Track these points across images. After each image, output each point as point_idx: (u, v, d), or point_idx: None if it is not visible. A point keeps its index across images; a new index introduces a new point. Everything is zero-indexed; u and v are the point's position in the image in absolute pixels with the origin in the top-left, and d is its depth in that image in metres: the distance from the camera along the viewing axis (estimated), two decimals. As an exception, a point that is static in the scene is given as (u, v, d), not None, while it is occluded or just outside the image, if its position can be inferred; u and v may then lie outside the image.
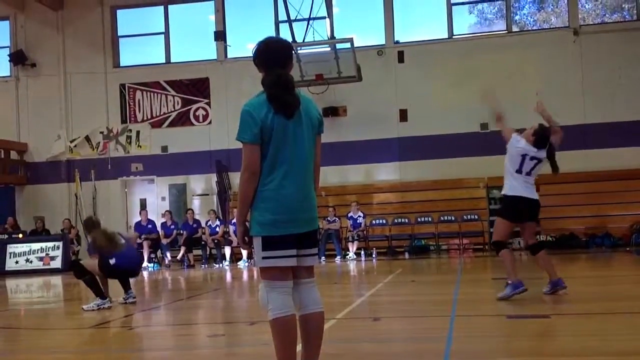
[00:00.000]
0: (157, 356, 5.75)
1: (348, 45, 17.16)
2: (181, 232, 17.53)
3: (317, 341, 3.87)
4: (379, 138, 18.73)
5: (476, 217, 17.43)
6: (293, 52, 4.05)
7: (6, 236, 17.96)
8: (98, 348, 6.38)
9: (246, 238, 3.85)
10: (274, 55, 3.87)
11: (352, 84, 17.75)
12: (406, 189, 18.60)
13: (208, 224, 17.46)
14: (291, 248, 3.76)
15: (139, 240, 17.04)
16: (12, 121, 20.28)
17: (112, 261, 8.58)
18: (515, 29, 19.19)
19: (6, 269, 17.03)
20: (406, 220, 17.90)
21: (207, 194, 19.57)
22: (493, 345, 5.36)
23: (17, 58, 20.18)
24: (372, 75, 18.18)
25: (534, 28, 19.48)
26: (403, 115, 18.79)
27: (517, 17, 19.55)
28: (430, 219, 17.71)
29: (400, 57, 18.94)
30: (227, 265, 16.42)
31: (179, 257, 17.18)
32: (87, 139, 20.20)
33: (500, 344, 5.45)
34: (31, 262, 17.23)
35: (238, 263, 16.42)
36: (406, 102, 18.73)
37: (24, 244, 17.50)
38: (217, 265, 16.51)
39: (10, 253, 17.35)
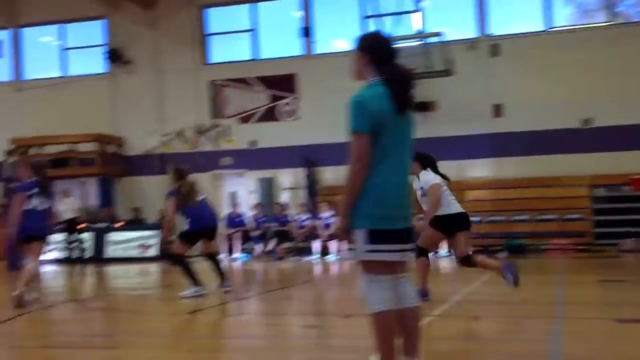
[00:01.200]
0: (251, 344, 5.72)
1: (438, 39, 16.76)
2: (271, 224, 17.70)
3: (416, 335, 3.85)
4: (471, 134, 18.24)
5: (578, 216, 16.75)
6: None
7: (105, 225, 18.63)
8: (192, 334, 6.42)
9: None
10: (387, 49, 3.87)
11: (442, 79, 17.39)
12: (501, 186, 18.04)
13: (297, 218, 17.54)
14: (395, 242, 3.73)
15: (227, 232, 17.37)
16: (109, 116, 20.93)
17: (186, 227, 8.76)
18: (618, 20, 18.29)
19: (106, 256, 17.65)
20: (501, 218, 17.39)
21: (296, 188, 19.63)
22: (603, 350, 5.05)
23: (113, 55, 20.84)
24: (463, 69, 17.73)
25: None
26: (497, 110, 18.25)
27: (620, 9, 18.61)
28: (527, 218, 17.12)
29: (494, 51, 18.40)
30: (316, 258, 16.42)
31: (268, 249, 17.34)
32: (179, 133, 20.64)
33: (610, 348, 5.12)
34: (129, 250, 17.84)
35: (327, 257, 16.39)
36: (501, 97, 18.16)
37: (122, 233, 18.15)
38: (305, 259, 16.54)
39: (110, 241, 18.01)
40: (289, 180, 19.86)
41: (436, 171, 7.83)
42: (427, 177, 7.74)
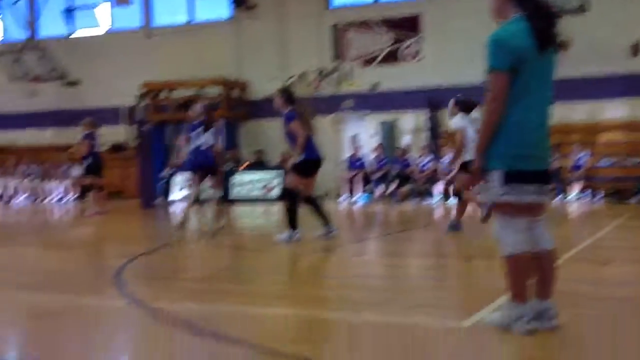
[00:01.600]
0: (371, 283, 5.77)
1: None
2: (392, 167, 17.67)
3: (552, 279, 3.77)
4: (605, 74, 17.20)
5: None
6: None
7: (230, 167, 19.26)
8: (315, 272, 6.56)
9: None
10: None
11: (576, 16, 16.40)
12: (637, 129, 17.03)
13: (419, 161, 17.39)
14: (532, 184, 3.63)
15: (348, 175, 17.45)
16: (233, 61, 21.36)
17: (301, 158, 8.21)
18: None
19: (231, 197, 18.31)
20: (637, 161, 16.41)
21: (418, 131, 19.41)
22: None
23: (238, 0, 21.10)
24: (599, 6, 16.64)
25: None
26: (635, 49, 17.05)
27: None
28: (665, 161, 16.10)
29: (635, -16, 17.11)
30: (437, 202, 16.27)
31: (388, 191, 17.35)
32: (301, 77, 20.78)
33: None
34: (253, 191, 18.43)
35: (448, 200, 16.19)
36: (638, 36, 16.94)
37: (247, 175, 18.71)
38: (426, 202, 16.43)
39: (235, 183, 18.65)
40: (410, 123, 19.66)
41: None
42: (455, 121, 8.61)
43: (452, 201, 16.04)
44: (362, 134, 20.02)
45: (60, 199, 20.47)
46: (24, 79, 22.22)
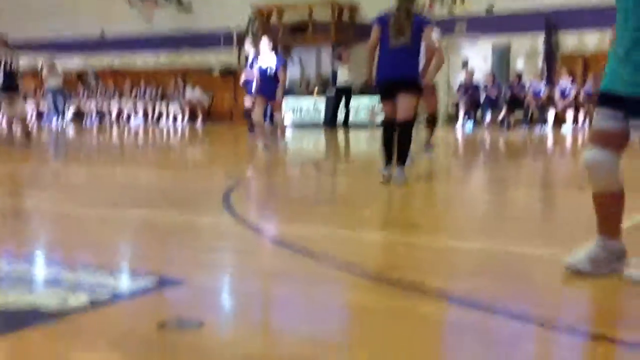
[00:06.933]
0: (476, 211, 5.66)
1: None
2: (503, 92, 17.07)
3: None
4: None
5: None
6: None
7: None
8: (418, 199, 6.51)
9: None
10: None
11: None
12: None
13: (532, 86, 16.68)
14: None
15: (460, 99, 17.06)
16: (346, -19, 20.97)
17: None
18: None
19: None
20: None
21: (533, 55, 18.55)
22: None
23: None
24: None
25: None
26: None
27: None
28: None
29: None
30: (550, 129, 15.66)
31: (499, 118, 16.84)
32: (414, -2, 20.15)
33: None
34: (360, 116, 18.42)
35: (561, 127, 15.56)
36: None
37: (354, 100, 18.44)
38: (539, 129, 15.85)
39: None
40: (526, 47, 18.80)
41: None
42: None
43: (566, 128, 15.44)
44: (474, 59, 19.39)
45: (174, 120, 21.19)
46: (142, 2, 22.76)
